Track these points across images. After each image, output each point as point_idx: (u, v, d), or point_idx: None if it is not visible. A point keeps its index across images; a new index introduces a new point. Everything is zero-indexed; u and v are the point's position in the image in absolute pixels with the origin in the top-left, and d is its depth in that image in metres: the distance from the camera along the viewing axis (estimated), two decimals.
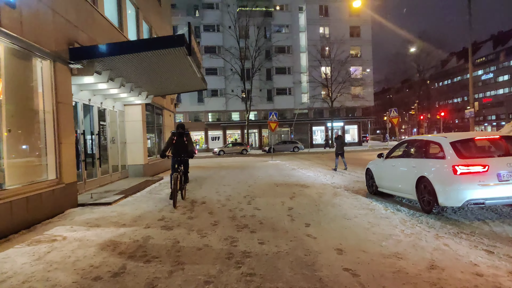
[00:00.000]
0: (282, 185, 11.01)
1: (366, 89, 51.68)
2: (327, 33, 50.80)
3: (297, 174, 14.31)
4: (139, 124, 12.98)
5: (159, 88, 11.76)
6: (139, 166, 13.04)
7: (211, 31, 49.15)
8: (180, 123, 8.57)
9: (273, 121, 23.87)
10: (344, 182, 11.68)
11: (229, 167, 18.96)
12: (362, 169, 15.92)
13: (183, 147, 8.37)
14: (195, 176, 14.33)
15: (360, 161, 21.24)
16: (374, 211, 6.86)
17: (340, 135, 15.99)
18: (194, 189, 10.37)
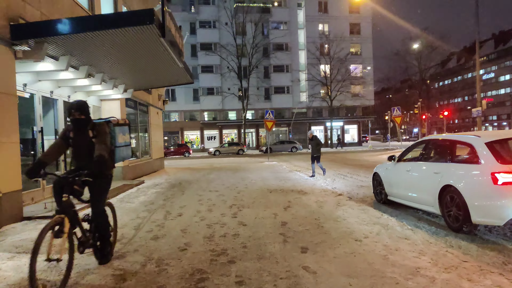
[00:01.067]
0: (276, 191, 9.63)
1: (366, 88, 50.36)
2: (326, 30, 49.41)
3: (294, 178, 12.94)
4: None
5: (138, 81, 10.36)
6: (117, 168, 11.57)
7: (207, 28, 47.73)
8: (77, 103, 3.85)
9: (270, 120, 22.48)
10: (346, 188, 10.32)
11: (221, 169, 17.58)
12: (365, 172, 14.60)
13: (84, 151, 3.86)
14: (180, 179, 12.93)
15: (362, 162, 19.88)
16: (388, 228, 5.47)
17: (315, 136, 13.71)
18: (174, 196, 8.97)
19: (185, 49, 48.14)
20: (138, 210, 7.10)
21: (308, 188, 10.03)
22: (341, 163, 19.87)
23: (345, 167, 17.19)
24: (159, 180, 12.53)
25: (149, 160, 15.32)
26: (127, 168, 12.14)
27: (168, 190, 10.04)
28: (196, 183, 11.76)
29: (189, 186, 10.96)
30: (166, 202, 8.07)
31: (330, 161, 22.16)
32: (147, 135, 15.75)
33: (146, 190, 9.88)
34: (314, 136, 13.54)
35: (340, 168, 16.97)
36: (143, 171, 14.08)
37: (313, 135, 13.58)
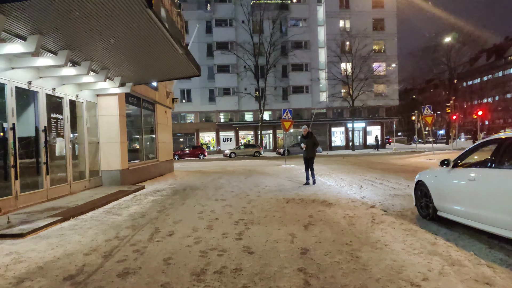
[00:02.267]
0: (294, 201, 8.06)
1: (390, 87, 47.92)
2: (347, 26, 47.36)
3: (315, 184, 11.33)
4: (115, 119, 10.25)
5: (135, 72, 8.98)
6: (115, 172, 10.29)
7: (224, 26, 46.44)
8: None
9: (287, 120, 20.88)
10: (378, 197, 8.69)
11: (234, 173, 16.09)
12: (395, 177, 12.82)
13: None
14: (186, 184, 11.51)
15: (389, 166, 18.04)
16: (452, 263, 3.85)
17: (311, 132, 11.23)
18: (172, 206, 7.52)
19: (201, 48, 47.25)
20: (121, 226, 5.67)
21: (332, 198, 8.42)
22: (365, 167, 18.09)
23: (370, 172, 15.45)
24: (162, 186, 11.14)
25: (155, 162, 13.99)
26: (127, 172, 10.79)
27: (168, 198, 8.61)
28: (202, 189, 10.30)
29: (193, 193, 9.51)
30: (160, 214, 6.61)
31: (353, 164, 20.40)
32: (154, 136, 14.42)
33: (142, 198, 8.47)
34: (310, 132, 11.17)
35: (365, 172, 15.23)
36: (147, 175, 12.74)
37: (308, 131, 11.13)
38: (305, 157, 11.01)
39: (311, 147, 10.97)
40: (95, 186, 9.88)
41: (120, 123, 10.31)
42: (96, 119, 10.18)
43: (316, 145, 11.14)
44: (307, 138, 10.99)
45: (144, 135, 13.34)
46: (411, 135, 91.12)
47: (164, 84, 15.42)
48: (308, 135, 11.04)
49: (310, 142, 10.98)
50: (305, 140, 10.95)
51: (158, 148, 14.50)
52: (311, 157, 11.00)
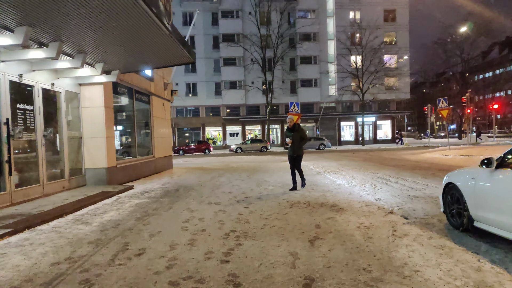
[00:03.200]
0: (299, 204, 6.96)
1: (402, 79, 46.26)
2: (358, 18, 45.80)
3: (324, 183, 10.21)
4: (100, 112, 9.23)
5: (118, 56, 7.87)
6: (100, 170, 9.28)
7: (230, 18, 45.21)
8: None
9: (295, 113, 19.69)
10: (395, 199, 7.59)
11: (237, 169, 15.04)
12: (410, 175, 11.58)
13: None
14: (181, 184, 10.48)
15: (402, 162, 16.79)
16: None
17: (298, 124, 9.01)
18: (156, 212, 6.47)
19: (207, 41, 46.13)
20: (82, 242, 4.62)
21: (343, 200, 7.31)
22: (377, 163, 16.89)
23: (383, 168, 14.27)
24: (154, 185, 10.12)
25: (150, 159, 12.97)
26: (114, 170, 9.78)
27: (155, 201, 7.57)
28: (197, 189, 9.25)
29: (186, 194, 8.46)
30: (138, 223, 5.57)
31: (364, 160, 19.19)
32: (149, 130, 13.40)
33: (125, 201, 7.45)
34: (297, 124, 8.87)
35: (378, 169, 14.05)
36: (140, 173, 11.74)
37: (294, 122, 8.82)
38: (290, 155, 8.80)
39: (298, 143, 8.70)
40: (76, 186, 8.88)
41: (106, 116, 9.28)
42: (79, 111, 9.17)
43: (304, 140, 8.79)
44: (293, 131, 8.68)
45: (137, 129, 12.32)
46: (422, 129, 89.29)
47: (161, 74, 14.37)
48: (295, 128, 8.72)
49: (297, 136, 8.65)
50: (291, 134, 8.66)
51: (154, 144, 13.48)
52: (298, 155, 8.75)
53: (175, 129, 45.70)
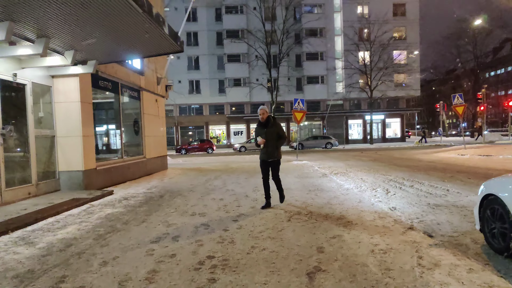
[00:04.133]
0: (300, 216, 5.82)
1: (412, 76, 44.66)
2: (366, 12, 44.36)
3: (330, 187, 9.06)
4: (76, 107, 8.15)
5: (89, 42, 6.78)
6: (76, 173, 8.21)
7: (234, 13, 44.07)
8: None
9: (299, 110, 18.57)
10: (412, 208, 6.50)
11: (236, 171, 13.93)
12: (426, 177, 10.26)
13: None
14: (169, 188, 9.39)
15: (415, 163, 15.51)
16: None
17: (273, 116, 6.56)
18: (126, 226, 5.37)
19: (210, 37, 44.98)
20: (5, 276, 3.52)
21: (352, 210, 6.16)
22: (388, 163, 15.67)
23: (395, 169, 13.07)
24: (138, 190, 9.02)
25: (139, 160, 11.90)
26: (93, 173, 8.69)
27: (130, 211, 6.48)
28: (185, 195, 8.14)
29: (169, 202, 7.36)
30: (95, 244, 4.46)
31: (374, 160, 17.97)
32: (139, 129, 12.30)
33: (95, 211, 6.36)
34: (272, 117, 6.43)
35: (389, 170, 12.85)
36: (126, 175, 10.66)
37: (269, 115, 6.45)
38: (263, 160, 6.44)
39: (274, 142, 6.29)
40: (47, 192, 7.82)
41: (82, 112, 8.21)
42: (52, 106, 8.11)
43: (282, 139, 6.40)
44: (266, 127, 6.25)
45: (125, 127, 11.24)
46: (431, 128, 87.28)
47: (153, 68, 13.30)
48: (269, 122, 6.27)
49: (272, 133, 6.25)
50: (264, 131, 6.23)
51: (145, 143, 12.41)
52: (274, 160, 6.39)
53: (178, 127, 44.77)
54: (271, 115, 6.39)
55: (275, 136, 6.30)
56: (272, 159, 6.40)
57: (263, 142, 6.22)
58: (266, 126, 6.28)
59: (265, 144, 6.24)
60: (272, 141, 6.27)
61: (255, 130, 6.47)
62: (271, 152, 6.32)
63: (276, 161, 6.46)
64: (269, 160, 6.40)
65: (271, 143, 6.28)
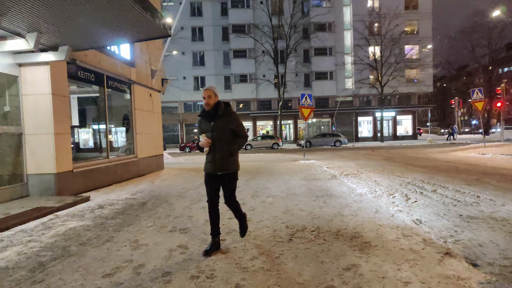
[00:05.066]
0: (305, 233, 4.68)
1: (425, 71, 42.96)
2: (376, 6, 42.83)
3: (340, 191, 7.88)
4: (47, 100, 7.07)
5: (54, 21, 5.66)
6: (47, 176, 7.12)
7: (240, 7, 42.84)
8: None
9: (307, 106, 17.37)
10: (441, 221, 5.41)
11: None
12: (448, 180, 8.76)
13: None
14: (156, 193, 8.29)
15: (432, 162, 14.21)
16: None
17: (226, 103, 4.06)
18: (84, 247, 4.27)
19: (216, 32, 43.81)
20: None
21: (368, 224, 5.01)
22: (402, 163, 14.43)
23: (411, 170, 11.86)
24: (120, 195, 7.92)
25: (129, 160, 10.81)
26: (69, 176, 7.61)
27: (98, 224, 5.37)
28: (172, 202, 7.03)
29: (149, 212, 6.25)
30: (26, 279, 3.37)
31: (386, 159, 16.74)
32: (129, 126, 11.22)
33: (55, 226, 5.24)
34: (224, 103, 4.05)
35: (404, 171, 11.64)
36: (114, 177, 9.58)
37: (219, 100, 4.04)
38: (208, 174, 4.10)
39: (226, 144, 3.97)
40: (12, 198, 6.72)
41: (55, 106, 7.14)
42: (19, 99, 7.05)
43: (240, 139, 4.09)
44: (214, 119, 3.99)
45: (111, 124, 10.17)
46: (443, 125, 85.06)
47: (145, 59, 12.21)
48: (218, 112, 3.99)
49: (223, 129, 3.97)
50: (210, 125, 3.98)
51: (137, 141, 11.33)
52: (225, 173, 4.01)
53: (183, 125, 43.83)
54: (223, 103, 4.05)
55: (228, 134, 3.96)
56: (223, 171, 3.95)
57: (207, 143, 3.90)
58: (214, 118, 3.95)
59: (211, 147, 3.95)
60: (222, 143, 3.93)
61: (198, 125, 4.16)
62: (220, 160, 3.92)
63: (229, 175, 4.01)
64: (218, 174, 3.97)
65: (221, 146, 3.92)
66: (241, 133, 4.07)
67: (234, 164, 4.04)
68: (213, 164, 3.96)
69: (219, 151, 3.94)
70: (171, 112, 44.09)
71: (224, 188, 4.09)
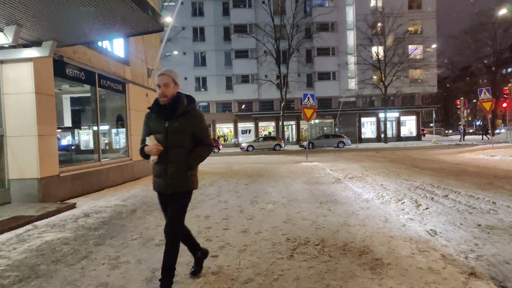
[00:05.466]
0: (307, 247, 4.17)
1: (429, 71, 42.27)
2: (380, 5, 42.26)
3: (345, 197, 7.37)
4: (30, 100, 6.57)
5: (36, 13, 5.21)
6: (30, 182, 6.62)
7: (242, 7, 42.39)
8: None
9: (309, 107, 16.84)
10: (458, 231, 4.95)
11: (238, 174, 12.32)
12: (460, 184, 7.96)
13: None
14: (148, 199, 7.79)
15: (439, 164, 13.62)
16: None
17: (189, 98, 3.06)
18: (55, 268, 3.80)
19: (217, 32, 43.34)
20: None
21: (378, 236, 4.50)
22: (408, 165, 13.89)
23: (418, 173, 11.33)
24: (110, 201, 7.41)
25: (123, 162, 10.32)
26: (55, 180, 7.11)
27: (80, 236, 4.86)
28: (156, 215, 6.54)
29: (137, 221, 5.75)
30: None
31: (391, 161, 16.20)
32: (126, 127, 10.74)
33: (32, 238, 4.74)
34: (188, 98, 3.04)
35: (412, 174, 11.10)
36: (106, 181, 9.09)
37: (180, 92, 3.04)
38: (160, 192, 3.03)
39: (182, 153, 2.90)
40: None
41: (38, 106, 6.65)
42: (0, 99, 6.57)
43: (207, 148, 3.03)
44: (169, 118, 2.90)
45: (103, 125, 9.68)
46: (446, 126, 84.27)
47: (141, 58, 11.73)
48: (178, 107, 2.92)
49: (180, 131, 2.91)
50: (164, 125, 2.90)
51: (132, 143, 10.84)
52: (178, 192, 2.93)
53: None
54: (185, 94, 3.05)
55: (187, 139, 2.93)
56: (176, 189, 2.92)
57: (156, 150, 2.83)
58: (170, 115, 2.91)
59: (161, 156, 2.88)
60: (178, 151, 2.89)
61: (145, 122, 3.05)
62: (174, 175, 2.89)
63: (180, 194, 2.95)
64: (170, 193, 2.94)
65: (176, 155, 2.89)
66: (205, 140, 3.01)
67: (191, 181, 2.96)
68: (164, 179, 2.88)
69: (173, 162, 2.85)
70: None
71: (171, 209, 2.93)
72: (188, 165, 2.91)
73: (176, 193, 2.93)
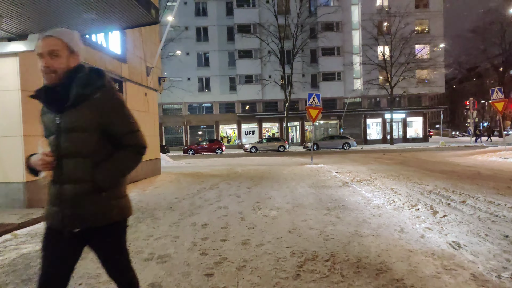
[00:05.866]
0: (316, 263, 3.66)
1: (437, 71, 41.52)
2: (386, 4, 41.64)
3: (354, 202, 6.84)
4: (15, 98, 6.09)
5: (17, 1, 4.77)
6: (15, 185, 6.13)
7: (246, 7, 41.94)
8: None
9: (314, 107, 16.32)
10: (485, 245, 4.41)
11: (240, 177, 11.83)
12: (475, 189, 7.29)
13: None
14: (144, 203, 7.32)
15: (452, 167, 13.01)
16: None
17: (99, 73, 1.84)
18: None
19: (221, 32, 42.91)
20: None
21: (395, 250, 3.98)
22: (418, 168, 13.32)
23: (429, 176, 10.77)
24: None
25: None
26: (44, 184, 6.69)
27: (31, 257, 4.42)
28: (158, 217, 6.04)
29: (129, 230, 5.29)
30: None
31: (399, 163, 15.64)
32: None
33: (8, 250, 4.26)
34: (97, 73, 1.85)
35: (422, 177, 10.54)
36: None
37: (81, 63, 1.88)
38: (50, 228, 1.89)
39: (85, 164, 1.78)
40: None
41: (24, 104, 6.18)
42: None
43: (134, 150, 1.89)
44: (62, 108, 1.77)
45: None
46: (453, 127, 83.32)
47: (140, 55, 11.27)
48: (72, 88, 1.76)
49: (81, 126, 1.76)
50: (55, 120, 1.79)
51: None
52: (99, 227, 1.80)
53: (187, 127, 43.01)
54: (89, 67, 1.89)
55: (92, 139, 1.81)
56: (85, 224, 1.81)
57: (42, 163, 1.75)
58: (63, 103, 1.78)
59: (54, 172, 1.80)
60: (77, 161, 1.79)
61: (40, 120, 1.96)
62: (74, 200, 1.78)
63: (105, 230, 1.86)
64: (74, 231, 1.82)
65: (74, 168, 1.79)
66: (126, 138, 1.89)
67: (111, 207, 1.86)
68: (59, 208, 1.80)
69: (69, 178, 1.78)
70: (175, 114, 43.25)
71: (101, 258, 1.92)
72: (98, 183, 1.77)
73: (92, 230, 1.81)
